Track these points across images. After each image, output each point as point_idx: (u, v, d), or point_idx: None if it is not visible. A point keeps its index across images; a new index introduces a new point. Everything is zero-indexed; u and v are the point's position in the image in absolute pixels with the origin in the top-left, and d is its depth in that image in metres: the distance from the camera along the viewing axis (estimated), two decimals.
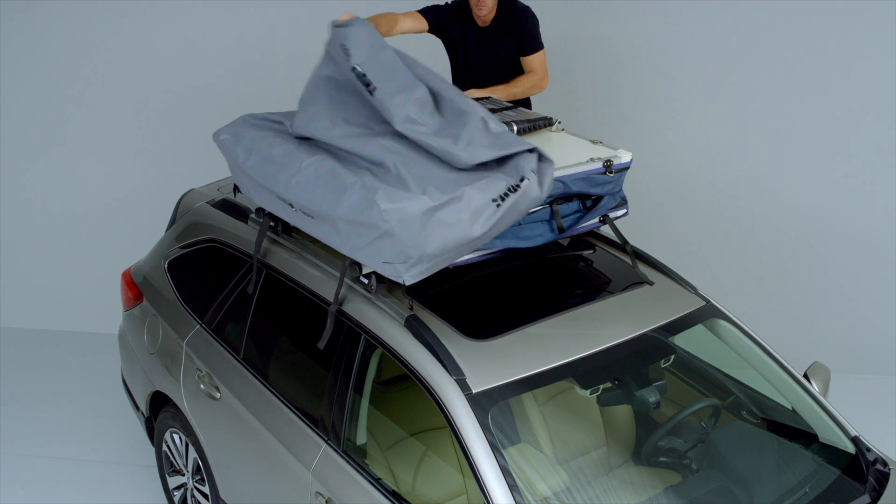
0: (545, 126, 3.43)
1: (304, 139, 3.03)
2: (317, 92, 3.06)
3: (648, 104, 5.74)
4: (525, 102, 4.25)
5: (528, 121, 3.39)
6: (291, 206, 2.86)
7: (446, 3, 4.16)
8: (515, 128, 3.32)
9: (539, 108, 4.21)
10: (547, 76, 4.13)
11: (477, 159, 2.66)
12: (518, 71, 4.14)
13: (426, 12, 4.07)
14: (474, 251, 2.83)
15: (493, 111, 3.54)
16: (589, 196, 3.08)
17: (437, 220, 2.48)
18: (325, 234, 2.78)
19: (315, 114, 2.99)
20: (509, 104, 3.73)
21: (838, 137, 5.49)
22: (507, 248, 2.92)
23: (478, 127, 2.78)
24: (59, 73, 6.04)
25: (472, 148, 2.68)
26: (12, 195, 6.18)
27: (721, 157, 5.69)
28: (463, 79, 4.17)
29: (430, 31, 4.10)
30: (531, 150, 2.67)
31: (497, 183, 2.54)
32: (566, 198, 3.02)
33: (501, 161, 2.66)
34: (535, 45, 4.10)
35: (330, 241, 2.78)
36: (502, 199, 2.53)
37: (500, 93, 3.91)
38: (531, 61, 4.11)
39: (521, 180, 2.55)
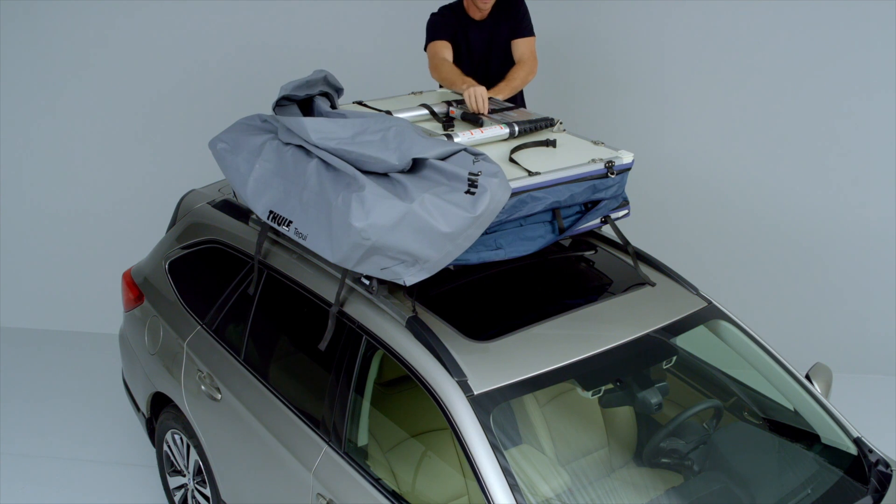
0: (546, 127, 3.42)
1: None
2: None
3: (649, 105, 5.74)
4: (519, 101, 4.25)
5: (530, 122, 3.38)
6: (290, 223, 2.87)
7: (440, 12, 4.13)
8: (517, 128, 3.31)
9: (539, 109, 4.20)
10: (537, 62, 4.15)
11: (409, 156, 2.69)
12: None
13: (440, 35, 4.06)
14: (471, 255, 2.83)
15: (493, 111, 3.54)
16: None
17: (415, 220, 2.51)
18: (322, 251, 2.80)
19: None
20: (510, 104, 3.73)
21: (839, 137, 5.48)
22: (509, 257, 2.91)
23: (404, 128, 2.83)
24: (59, 72, 6.03)
25: (404, 146, 2.72)
26: (12, 195, 6.17)
27: (722, 157, 5.69)
28: (465, 74, 4.15)
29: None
30: (462, 150, 2.74)
31: (457, 184, 2.58)
32: None
33: (442, 170, 2.67)
34: (528, 29, 4.13)
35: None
36: (473, 186, 2.56)
37: (504, 91, 3.90)
38: (522, 46, 4.11)
39: (477, 175, 2.58)
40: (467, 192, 2.55)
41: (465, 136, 3.17)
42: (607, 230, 3.24)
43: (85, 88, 6.06)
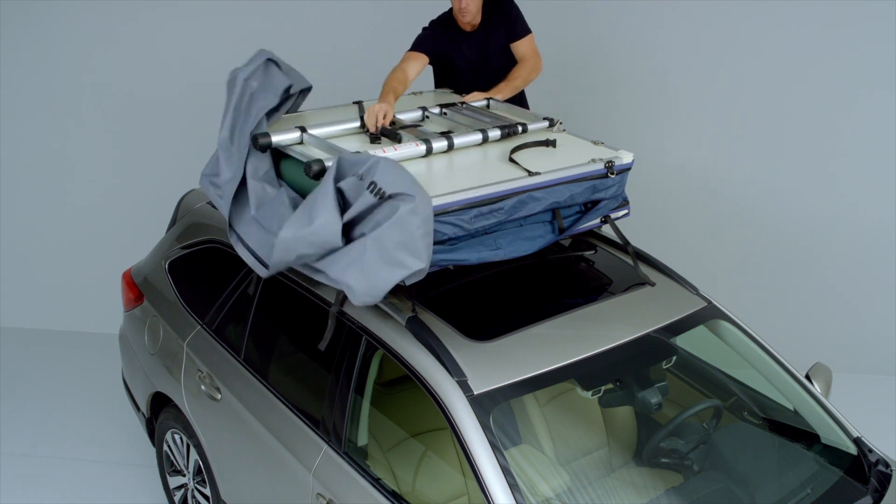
0: (546, 127, 3.42)
1: None
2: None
3: (649, 105, 5.74)
4: (522, 102, 4.24)
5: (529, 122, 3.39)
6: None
7: (430, 27, 4.10)
8: (523, 128, 3.32)
9: (540, 109, 4.20)
10: (540, 59, 4.10)
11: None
12: (514, 59, 4.13)
13: (420, 47, 3.97)
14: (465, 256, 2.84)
15: (485, 112, 3.54)
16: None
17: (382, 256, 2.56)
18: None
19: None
20: (508, 104, 3.73)
21: (838, 137, 5.49)
22: (509, 257, 2.91)
23: (278, 205, 2.98)
24: (60, 72, 6.03)
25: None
26: (12, 195, 6.17)
27: (722, 158, 5.69)
28: (465, 84, 4.14)
29: (430, 62, 4.06)
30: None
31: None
32: None
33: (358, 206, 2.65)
34: (524, 28, 4.09)
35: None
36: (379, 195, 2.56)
37: (505, 91, 3.89)
38: (521, 46, 4.08)
39: (372, 183, 2.57)
40: (385, 200, 2.53)
41: (389, 152, 3.07)
42: (607, 230, 3.24)
43: (85, 88, 6.06)
